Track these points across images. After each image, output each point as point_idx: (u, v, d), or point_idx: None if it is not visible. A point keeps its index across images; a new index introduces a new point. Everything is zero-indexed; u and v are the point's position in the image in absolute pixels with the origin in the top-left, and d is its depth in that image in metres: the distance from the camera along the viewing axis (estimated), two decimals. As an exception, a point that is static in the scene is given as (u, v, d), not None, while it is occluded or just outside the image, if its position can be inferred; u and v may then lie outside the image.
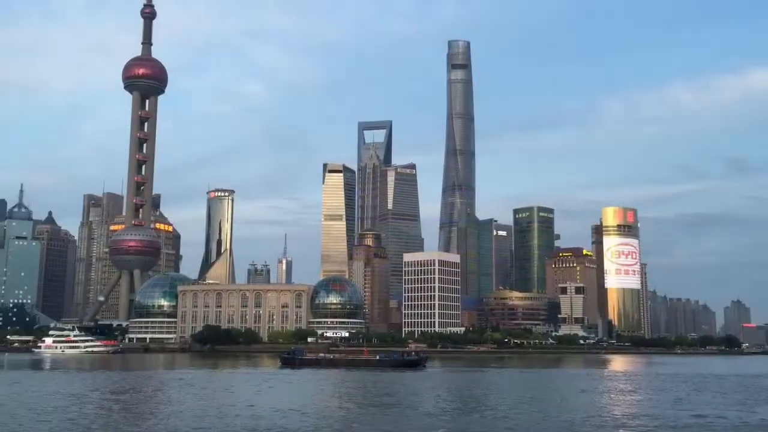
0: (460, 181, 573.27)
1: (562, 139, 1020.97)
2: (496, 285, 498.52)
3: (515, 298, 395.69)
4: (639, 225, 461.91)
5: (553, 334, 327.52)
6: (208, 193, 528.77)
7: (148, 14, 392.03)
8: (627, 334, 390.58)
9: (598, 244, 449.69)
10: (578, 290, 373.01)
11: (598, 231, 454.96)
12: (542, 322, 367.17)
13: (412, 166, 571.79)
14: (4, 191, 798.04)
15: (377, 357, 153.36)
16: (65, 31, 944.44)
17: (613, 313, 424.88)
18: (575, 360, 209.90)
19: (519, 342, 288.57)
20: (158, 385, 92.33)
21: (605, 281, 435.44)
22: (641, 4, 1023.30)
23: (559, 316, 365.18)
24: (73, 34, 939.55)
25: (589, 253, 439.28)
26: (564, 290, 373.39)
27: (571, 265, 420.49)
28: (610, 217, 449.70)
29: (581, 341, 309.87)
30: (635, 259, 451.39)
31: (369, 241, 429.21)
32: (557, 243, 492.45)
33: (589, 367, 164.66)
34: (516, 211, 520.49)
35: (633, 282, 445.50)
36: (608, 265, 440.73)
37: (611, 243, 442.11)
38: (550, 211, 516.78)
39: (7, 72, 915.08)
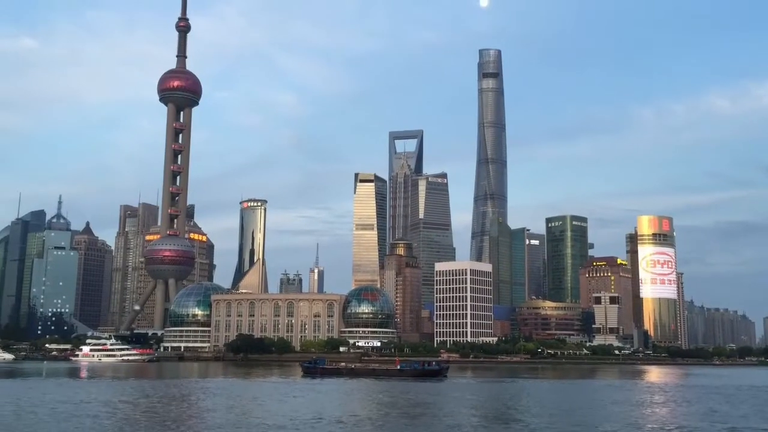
0: (491, 189, 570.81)
1: (595, 147, 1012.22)
2: (528, 294, 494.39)
3: (548, 307, 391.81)
4: (675, 234, 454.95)
5: (588, 344, 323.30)
6: (241, 203, 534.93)
7: (183, 28, 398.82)
8: (663, 344, 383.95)
9: (633, 253, 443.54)
10: (613, 300, 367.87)
11: (633, 240, 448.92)
12: (576, 332, 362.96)
13: (444, 175, 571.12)
14: (44, 202, 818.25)
15: (398, 367, 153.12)
16: (102, 45, 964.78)
17: (648, 324, 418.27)
18: (610, 371, 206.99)
19: (552, 352, 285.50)
20: (187, 394, 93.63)
21: (640, 291, 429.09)
22: (673, 11, 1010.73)
23: (594, 326, 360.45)
24: (110, 48, 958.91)
25: (623, 263, 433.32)
26: (598, 300, 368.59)
27: (606, 274, 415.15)
28: (645, 226, 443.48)
29: (616, 352, 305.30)
30: (671, 268, 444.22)
31: (400, 251, 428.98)
32: (591, 252, 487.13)
33: (624, 378, 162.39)
34: (549, 220, 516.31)
35: (669, 292, 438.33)
36: (643, 274, 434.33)
37: (646, 252, 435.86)
38: (584, 219, 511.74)
39: (46, 85, 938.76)
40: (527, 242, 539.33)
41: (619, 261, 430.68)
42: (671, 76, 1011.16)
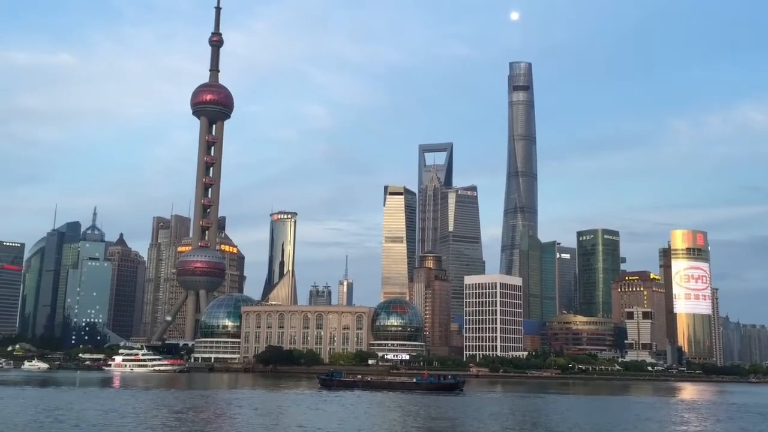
0: (521, 203, 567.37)
1: (627, 161, 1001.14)
2: (559, 309, 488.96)
3: (579, 322, 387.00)
4: (709, 248, 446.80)
5: (620, 360, 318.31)
6: (271, 215, 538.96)
7: (216, 42, 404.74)
8: (698, 361, 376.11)
9: (666, 267, 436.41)
10: (646, 315, 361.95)
11: (666, 254, 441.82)
12: (608, 348, 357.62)
13: (473, 188, 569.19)
14: (79, 214, 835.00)
15: (414, 380, 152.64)
16: (138, 60, 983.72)
17: (682, 340, 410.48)
18: (643, 387, 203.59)
19: (584, 368, 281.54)
20: (214, 405, 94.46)
21: (674, 306, 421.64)
22: (706, 23, 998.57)
23: (626, 341, 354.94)
24: (145, 63, 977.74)
25: (656, 277, 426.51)
26: (631, 315, 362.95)
27: (638, 289, 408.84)
28: (679, 240, 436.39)
29: (649, 368, 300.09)
30: (706, 283, 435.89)
31: (430, 264, 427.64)
32: (623, 266, 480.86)
33: (657, 394, 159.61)
34: (580, 234, 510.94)
35: (703, 307, 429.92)
36: (677, 289, 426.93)
37: (680, 267, 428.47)
38: (615, 233, 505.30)
39: (83, 100, 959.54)
40: (558, 256, 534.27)
41: (652, 275, 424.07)
42: (706, 89, 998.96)
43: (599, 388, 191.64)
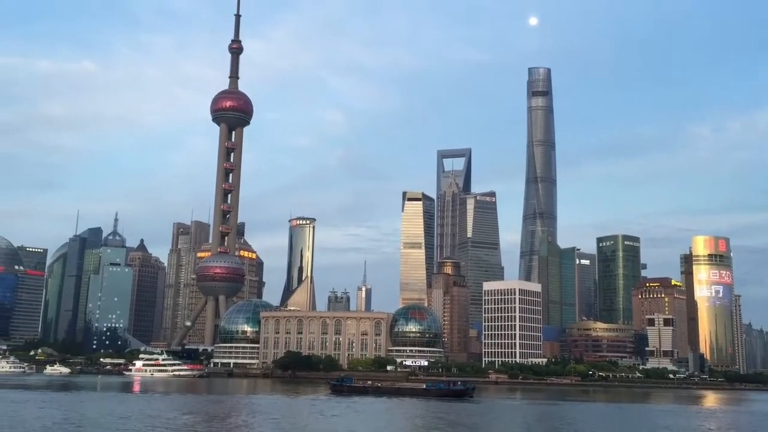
0: (541, 208, 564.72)
1: (648, 166, 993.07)
2: (579, 315, 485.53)
3: (599, 329, 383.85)
4: (731, 254, 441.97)
5: (641, 367, 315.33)
6: (290, 221, 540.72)
7: (236, 49, 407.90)
8: (720, 368, 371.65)
9: (688, 274, 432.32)
10: (667, 322, 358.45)
11: (688, 260, 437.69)
12: (628, 355, 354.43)
13: (492, 194, 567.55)
14: (101, 220, 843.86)
15: (424, 386, 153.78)
16: (158, 67, 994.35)
17: (704, 347, 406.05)
18: (665, 395, 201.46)
19: (604, 375, 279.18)
20: (231, 410, 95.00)
21: (696, 313, 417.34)
22: (727, 27, 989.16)
23: (647, 348, 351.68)
24: (165, 70, 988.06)
25: (678, 284, 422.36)
26: (652, 322, 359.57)
27: (659, 295, 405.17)
28: (701, 246, 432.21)
29: (671, 375, 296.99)
30: (728, 290, 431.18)
31: (448, 269, 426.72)
32: (643, 272, 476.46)
33: (679, 402, 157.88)
34: (599, 240, 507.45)
35: (726, 314, 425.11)
36: (699, 296, 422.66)
37: (702, 273, 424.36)
38: (636, 239, 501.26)
39: (103, 107, 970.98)
40: (577, 262, 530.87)
41: (673, 282, 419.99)
42: (727, 94, 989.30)
43: (620, 395, 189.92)
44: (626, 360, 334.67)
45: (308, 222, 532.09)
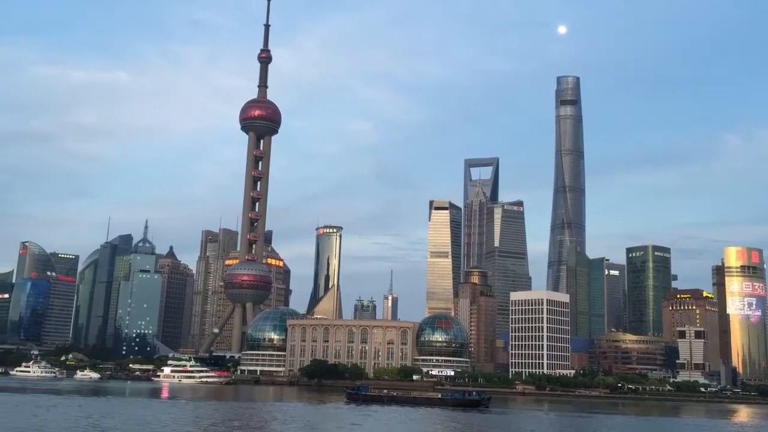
0: (569, 218, 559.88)
1: (678, 176, 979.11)
2: (608, 327, 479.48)
3: (629, 340, 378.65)
4: (765, 266, 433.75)
5: (671, 380, 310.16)
6: (317, 229, 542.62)
7: (265, 59, 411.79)
8: (753, 382, 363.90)
9: (720, 285, 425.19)
10: (698, 334, 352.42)
11: (720, 272, 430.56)
12: (658, 368, 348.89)
13: (520, 203, 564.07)
14: (131, 227, 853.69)
15: (439, 395, 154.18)
16: (188, 77, 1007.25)
17: (737, 360, 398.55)
18: (696, 409, 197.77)
19: (633, 388, 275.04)
20: (253, 417, 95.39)
21: (728, 326, 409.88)
22: (758, 36, 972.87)
23: (677, 361, 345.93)
24: (195, 80, 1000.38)
25: (709, 296, 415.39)
26: (683, 334, 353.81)
27: (690, 307, 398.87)
28: (733, 258, 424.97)
29: (702, 389, 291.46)
30: (761, 302, 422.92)
31: (475, 279, 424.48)
32: (674, 284, 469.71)
33: (711, 416, 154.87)
34: (629, 250, 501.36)
35: (759, 327, 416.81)
36: (731, 308, 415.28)
37: (734, 285, 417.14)
38: (666, 250, 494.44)
39: (135, 116, 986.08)
40: (606, 272, 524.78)
41: (704, 294, 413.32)
42: (759, 103, 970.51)
43: (650, 408, 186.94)
44: (656, 373, 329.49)
45: (335, 230, 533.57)
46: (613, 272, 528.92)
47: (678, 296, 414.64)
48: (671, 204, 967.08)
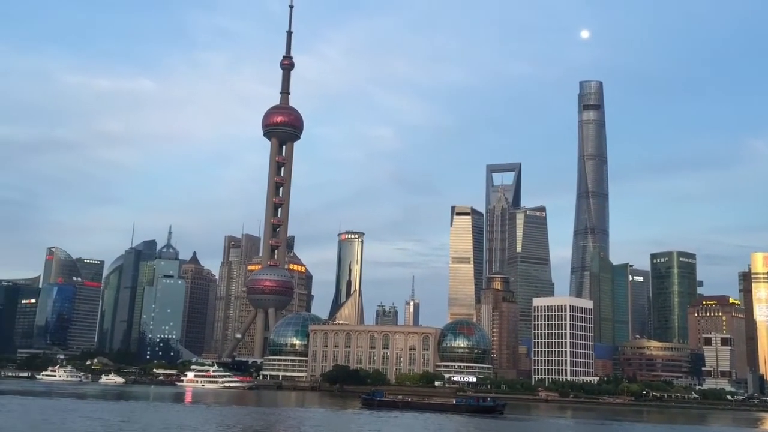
0: (592, 224, 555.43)
1: (704, 181, 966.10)
2: (632, 333, 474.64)
3: (654, 347, 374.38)
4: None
5: (697, 388, 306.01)
6: (338, 235, 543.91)
7: (287, 66, 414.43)
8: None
9: (747, 292, 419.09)
10: (725, 341, 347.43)
11: (747, 278, 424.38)
12: (684, 375, 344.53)
13: (542, 209, 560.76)
14: (155, 233, 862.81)
15: (453, 401, 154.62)
16: (211, 85, 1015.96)
17: (764, 368, 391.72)
18: (722, 417, 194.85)
19: (658, 395, 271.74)
20: (266, 422, 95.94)
21: (756, 332, 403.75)
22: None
23: (703, 368, 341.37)
24: (218, 88, 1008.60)
25: (736, 302, 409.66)
26: (708, 341, 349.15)
27: (716, 314, 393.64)
28: (760, 264, 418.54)
29: (729, 397, 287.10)
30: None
31: (497, 285, 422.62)
32: (700, 290, 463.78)
33: (738, 425, 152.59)
34: (653, 256, 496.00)
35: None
36: (759, 314, 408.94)
37: (761, 291, 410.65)
38: (692, 256, 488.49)
39: (159, 123, 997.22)
40: (630, 279, 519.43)
41: (731, 300, 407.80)
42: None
43: (675, 416, 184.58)
44: (681, 380, 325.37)
45: (357, 236, 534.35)
46: (637, 278, 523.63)
47: (704, 303, 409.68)
48: (696, 209, 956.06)
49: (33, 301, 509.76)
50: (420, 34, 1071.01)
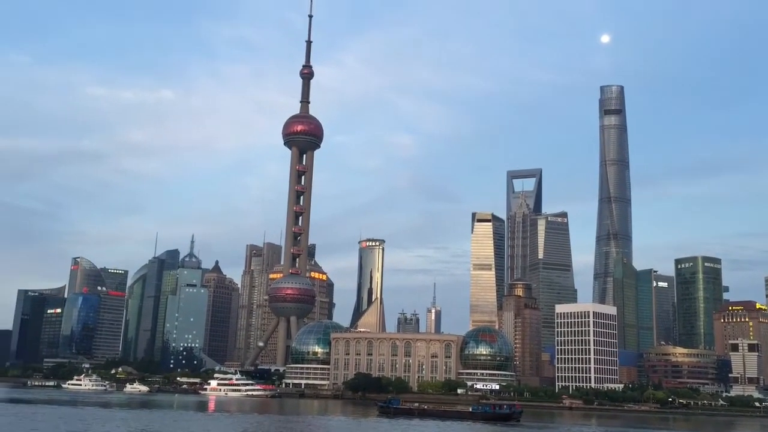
0: (615, 229, 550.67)
1: (727, 186, 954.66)
2: (657, 340, 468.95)
3: (679, 354, 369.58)
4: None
5: (724, 394, 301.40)
6: (359, 242, 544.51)
7: (307, 75, 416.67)
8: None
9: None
10: (752, 347, 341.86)
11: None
12: (710, 382, 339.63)
13: (564, 215, 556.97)
14: (178, 242, 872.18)
15: (469, 409, 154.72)
16: (233, 95, 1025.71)
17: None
18: (750, 425, 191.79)
19: (685, 402, 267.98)
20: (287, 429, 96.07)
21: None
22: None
23: (730, 375, 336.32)
24: (239, 98, 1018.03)
25: (763, 307, 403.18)
26: (735, 347, 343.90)
27: (743, 319, 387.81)
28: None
29: (756, 404, 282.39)
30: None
31: (519, 291, 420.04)
32: (726, 296, 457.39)
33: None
34: (678, 261, 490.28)
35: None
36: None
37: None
38: (717, 261, 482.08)
39: (182, 134, 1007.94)
40: (654, 284, 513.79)
41: (758, 306, 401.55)
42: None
43: (702, 424, 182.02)
44: (708, 387, 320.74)
45: (378, 243, 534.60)
46: (661, 284, 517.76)
47: (730, 308, 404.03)
48: (721, 214, 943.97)
49: (59, 310, 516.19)
50: (438, 42, 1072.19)
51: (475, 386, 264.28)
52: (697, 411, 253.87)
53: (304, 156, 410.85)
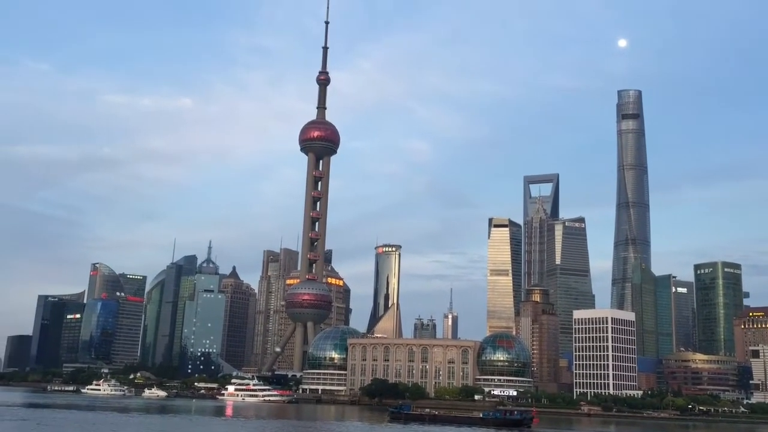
0: (633, 234, 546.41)
1: (747, 190, 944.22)
2: (676, 346, 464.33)
3: (699, 360, 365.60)
4: None
5: (745, 401, 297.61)
6: (376, 248, 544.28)
7: (323, 81, 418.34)
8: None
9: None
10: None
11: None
12: (731, 389, 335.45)
13: (581, 220, 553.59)
14: (196, 248, 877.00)
15: (480, 415, 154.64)
16: (251, 102, 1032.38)
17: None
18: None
19: (705, 409, 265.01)
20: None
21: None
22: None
23: (751, 382, 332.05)
24: (258, 105, 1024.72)
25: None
26: (756, 353, 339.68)
27: (764, 325, 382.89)
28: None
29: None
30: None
31: (536, 297, 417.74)
32: (746, 301, 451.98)
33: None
34: (697, 267, 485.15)
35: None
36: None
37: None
38: (737, 266, 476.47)
39: (200, 140, 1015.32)
40: (674, 290, 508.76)
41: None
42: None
43: (723, 431, 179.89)
44: (729, 394, 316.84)
45: (394, 249, 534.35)
46: (680, 290, 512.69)
47: (750, 314, 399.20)
48: (740, 219, 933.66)
49: (78, 316, 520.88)
50: (454, 48, 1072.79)
51: (492, 392, 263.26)
52: (718, 418, 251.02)
53: (321, 162, 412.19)
